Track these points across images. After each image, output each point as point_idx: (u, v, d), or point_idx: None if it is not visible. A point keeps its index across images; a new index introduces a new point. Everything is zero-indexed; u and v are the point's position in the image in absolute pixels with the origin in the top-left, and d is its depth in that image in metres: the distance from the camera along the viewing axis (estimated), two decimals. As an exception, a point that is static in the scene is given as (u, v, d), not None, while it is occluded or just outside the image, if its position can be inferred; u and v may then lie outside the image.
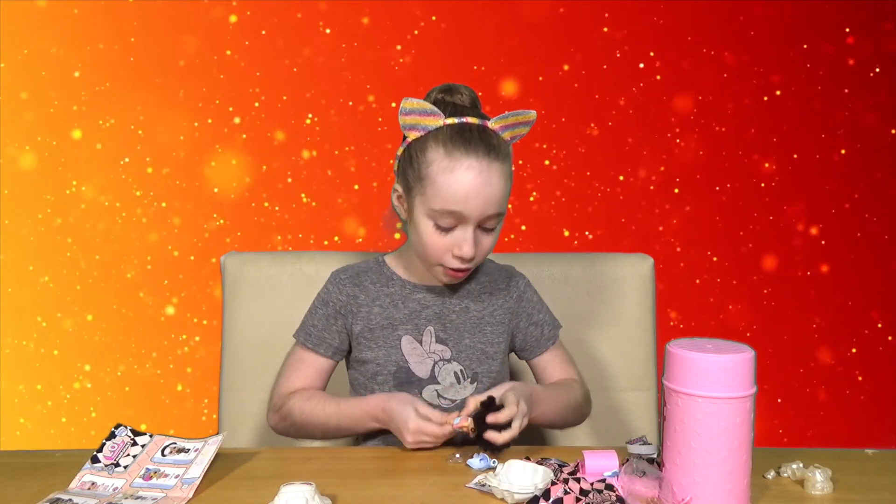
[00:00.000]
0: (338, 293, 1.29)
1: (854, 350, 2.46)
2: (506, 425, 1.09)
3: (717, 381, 0.89)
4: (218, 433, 1.10)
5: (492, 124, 1.16)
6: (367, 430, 1.21)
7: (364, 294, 1.28)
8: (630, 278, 1.50)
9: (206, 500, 0.98)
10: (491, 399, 1.11)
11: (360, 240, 2.41)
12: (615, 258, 1.54)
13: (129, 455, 1.07)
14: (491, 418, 1.09)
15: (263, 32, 2.37)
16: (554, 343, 1.34)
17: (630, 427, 1.46)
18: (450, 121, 1.15)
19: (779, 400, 2.45)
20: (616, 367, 1.49)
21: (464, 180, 1.12)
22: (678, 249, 2.44)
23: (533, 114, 1.17)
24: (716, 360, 0.89)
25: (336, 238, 2.41)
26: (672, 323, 2.40)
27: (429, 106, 1.15)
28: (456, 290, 1.28)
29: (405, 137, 1.18)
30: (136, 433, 1.11)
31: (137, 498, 0.97)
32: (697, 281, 2.44)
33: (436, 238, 1.17)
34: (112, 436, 1.10)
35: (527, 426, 1.13)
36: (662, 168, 2.42)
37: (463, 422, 1.10)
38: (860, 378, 2.46)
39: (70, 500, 0.96)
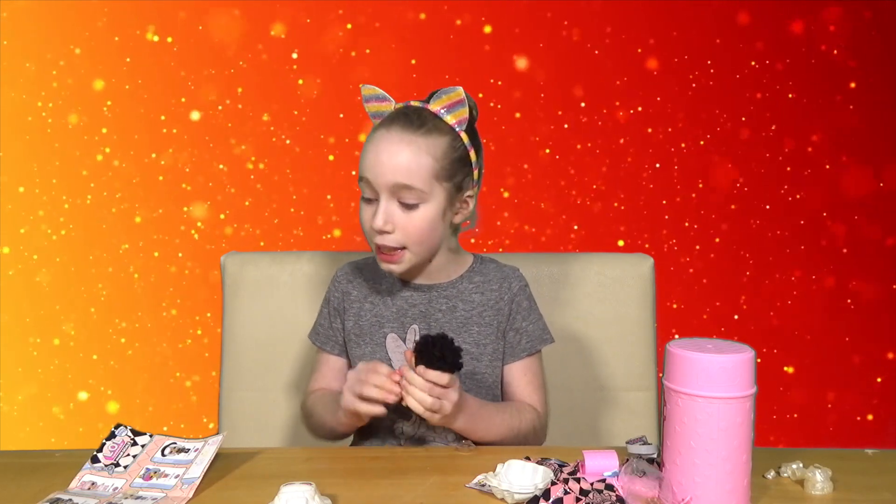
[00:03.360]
0: (334, 290, 1.32)
1: (854, 350, 2.46)
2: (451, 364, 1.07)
3: (717, 381, 0.89)
4: (218, 433, 1.10)
5: (431, 106, 1.19)
6: (352, 421, 1.18)
7: (357, 291, 1.30)
8: (630, 278, 1.50)
9: (206, 500, 0.98)
10: (434, 337, 1.08)
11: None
12: (615, 258, 1.54)
13: (129, 455, 1.07)
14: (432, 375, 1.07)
15: (272, 34, 2.37)
16: (530, 356, 1.28)
17: (630, 427, 1.46)
18: (397, 106, 1.21)
19: (778, 400, 2.45)
20: (616, 367, 1.49)
21: (371, 148, 1.18)
22: (678, 249, 2.43)
23: (459, 90, 1.18)
24: (716, 360, 0.89)
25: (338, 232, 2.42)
26: (672, 323, 2.40)
27: (380, 92, 1.21)
28: (445, 289, 1.27)
29: None
30: (136, 433, 1.11)
31: (137, 498, 0.97)
32: (698, 281, 2.44)
33: (362, 209, 1.21)
34: (112, 436, 1.10)
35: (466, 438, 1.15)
36: (662, 168, 2.42)
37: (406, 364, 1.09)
38: (860, 378, 2.46)
39: (70, 500, 0.96)
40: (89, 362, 2.42)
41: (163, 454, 1.07)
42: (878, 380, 2.46)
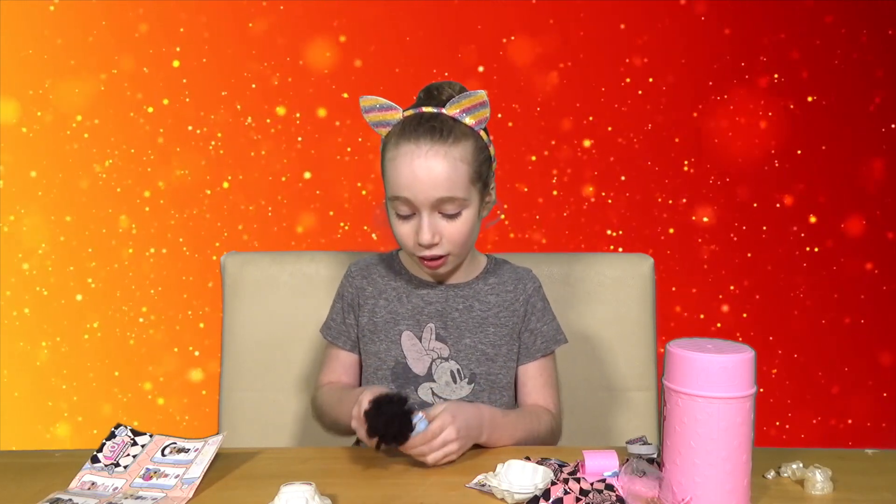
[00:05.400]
0: (348, 285, 1.32)
1: (854, 350, 2.46)
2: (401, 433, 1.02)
3: (717, 381, 0.89)
4: (218, 433, 1.10)
5: (447, 110, 1.17)
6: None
7: (371, 287, 1.30)
8: (630, 278, 1.50)
9: (206, 500, 0.98)
10: (388, 396, 1.03)
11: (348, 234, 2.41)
12: (615, 258, 1.54)
13: (129, 455, 1.07)
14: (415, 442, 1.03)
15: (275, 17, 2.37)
16: (544, 356, 1.29)
17: (630, 427, 1.46)
18: (407, 113, 1.19)
19: (778, 400, 2.45)
20: (616, 367, 1.49)
21: (403, 166, 1.15)
22: (678, 249, 2.43)
23: (482, 93, 1.17)
24: (716, 360, 0.89)
25: (343, 231, 2.41)
26: (672, 323, 2.40)
27: (384, 101, 1.19)
28: (462, 289, 1.27)
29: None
30: (136, 433, 1.11)
31: (137, 498, 0.97)
32: (698, 281, 2.44)
33: (399, 227, 1.19)
34: (112, 436, 1.10)
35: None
36: (663, 167, 2.42)
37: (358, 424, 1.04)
38: (860, 378, 2.46)
39: (70, 500, 0.96)
40: (88, 363, 2.42)
41: (163, 454, 1.07)
42: (879, 380, 2.46)
